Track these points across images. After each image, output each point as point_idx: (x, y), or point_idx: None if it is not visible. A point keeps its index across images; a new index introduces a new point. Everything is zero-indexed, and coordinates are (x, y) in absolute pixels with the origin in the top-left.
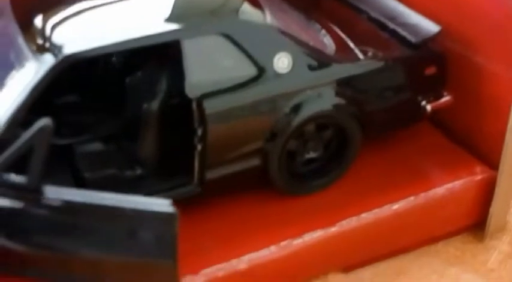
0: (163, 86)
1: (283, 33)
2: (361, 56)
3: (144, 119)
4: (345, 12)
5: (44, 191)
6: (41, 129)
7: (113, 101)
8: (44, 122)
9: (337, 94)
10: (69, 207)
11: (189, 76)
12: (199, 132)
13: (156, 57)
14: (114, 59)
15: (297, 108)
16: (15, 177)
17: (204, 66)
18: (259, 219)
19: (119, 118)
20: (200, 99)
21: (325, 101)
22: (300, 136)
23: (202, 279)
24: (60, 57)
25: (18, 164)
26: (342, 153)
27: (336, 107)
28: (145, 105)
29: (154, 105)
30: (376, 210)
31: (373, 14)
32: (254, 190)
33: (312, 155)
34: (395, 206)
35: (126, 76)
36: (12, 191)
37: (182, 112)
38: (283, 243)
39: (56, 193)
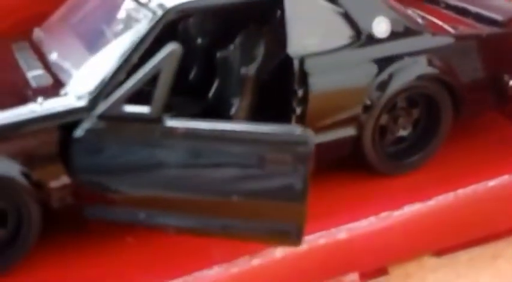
0: (260, 50)
1: None
2: (451, 30)
3: (241, 84)
4: (420, 5)
5: (167, 121)
6: (170, 54)
7: (199, 82)
8: (173, 46)
9: (431, 64)
10: (197, 134)
11: (292, 36)
12: (300, 93)
13: (254, 21)
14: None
15: (393, 75)
16: (138, 108)
17: (306, 27)
18: (360, 193)
19: (203, 99)
20: (302, 59)
21: (420, 69)
22: (391, 110)
23: (304, 246)
24: (164, 10)
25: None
26: (433, 131)
27: (430, 76)
28: (243, 70)
29: (252, 69)
30: (472, 186)
31: (452, 2)
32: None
33: (402, 133)
34: (492, 183)
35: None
36: (136, 122)
37: (279, 76)
38: (383, 215)
39: (181, 123)
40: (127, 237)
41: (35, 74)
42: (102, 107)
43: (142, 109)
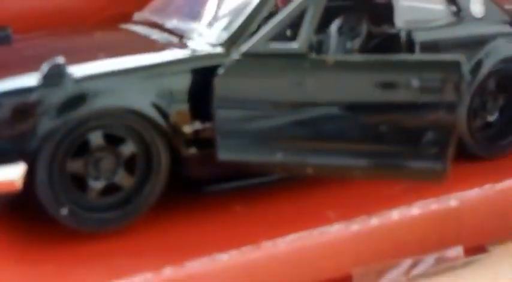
0: (363, 28)
1: None
2: None
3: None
4: None
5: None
6: None
7: None
8: None
9: None
10: (349, 64)
11: (399, 11)
12: None
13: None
14: None
15: (488, 54)
16: (284, 44)
17: (412, 3)
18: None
19: None
20: (409, 32)
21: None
22: (482, 92)
23: (416, 210)
24: None
25: None
26: None
27: None
28: (348, 45)
29: (356, 44)
30: None
31: None
32: None
33: (489, 118)
34: None
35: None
36: (282, 58)
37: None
38: (498, 185)
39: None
40: (236, 206)
41: (159, 36)
42: (246, 46)
43: (290, 44)
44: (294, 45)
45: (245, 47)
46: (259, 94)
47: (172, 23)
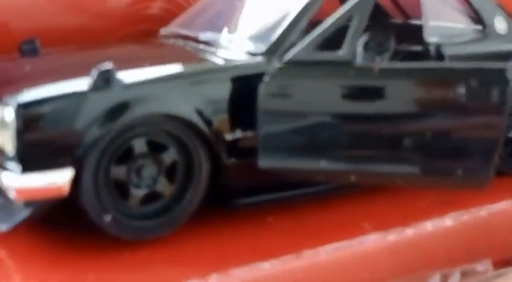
0: (391, 43)
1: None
2: None
3: None
4: None
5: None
6: (363, 1)
7: None
8: None
9: None
10: (395, 72)
11: (428, 26)
12: None
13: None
14: None
15: None
16: (331, 53)
17: (441, 17)
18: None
19: None
20: (439, 46)
21: None
22: None
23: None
24: None
25: None
26: None
27: None
28: (377, 60)
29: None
30: None
31: None
32: None
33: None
34: None
35: None
36: (327, 65)
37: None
38: None
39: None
40: (269, 218)
41: (194, 47)
42: (290, 54)
43: (335, 53)
44: (339, 53)
45: (289, 55)
46: (304, 102)
47: (206, 35)
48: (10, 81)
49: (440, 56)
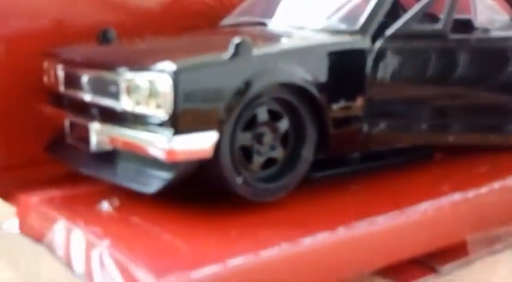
0: None
1: None
2: None
3: None
4: None
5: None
6: None
7: None
8: None
9: None
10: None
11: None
12: None
13: None
14: None
15: None
16: (429, 26)
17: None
18: None
19: None
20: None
21: None
22: None
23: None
24: None
25: None
26: None
27: None
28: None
29: None
30: None
31: None
32: None
33: None
34: None
35: None
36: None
37: None
38: None
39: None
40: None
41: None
42: (392, 29)
43: (434, 26)
44: (438, 26)
45: (391, 30)
46: (406, 70)
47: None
48: (132, 57)
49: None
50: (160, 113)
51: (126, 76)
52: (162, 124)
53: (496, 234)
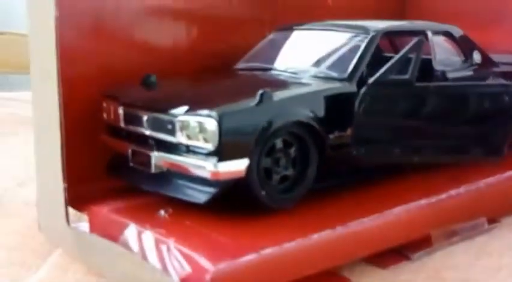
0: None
1: None
2: None
3: None
4: None
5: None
6: (417, 42)
7: None
8: (419, 38)
9: None
10: (445, 88)
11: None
12: None
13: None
14: None
15: None
16: (400, 76)
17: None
18: None
19: None
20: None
21: None
22: None
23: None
24: (377, 31)
25: None
26: None
27: None
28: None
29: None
30: None
31: None
32: None
33: None
34: None
35: None
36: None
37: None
38: None
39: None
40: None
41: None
42: (373, 77)
43: (403, 76)
44: (405, 76)
45: (372, 79)
46: (384, 109)
47: (291, 67)
48: (181, 102)
49: (445, 79)
50: (208, 146)
51: (181, 118)
52: (209, 153)
53: (453, 229)
